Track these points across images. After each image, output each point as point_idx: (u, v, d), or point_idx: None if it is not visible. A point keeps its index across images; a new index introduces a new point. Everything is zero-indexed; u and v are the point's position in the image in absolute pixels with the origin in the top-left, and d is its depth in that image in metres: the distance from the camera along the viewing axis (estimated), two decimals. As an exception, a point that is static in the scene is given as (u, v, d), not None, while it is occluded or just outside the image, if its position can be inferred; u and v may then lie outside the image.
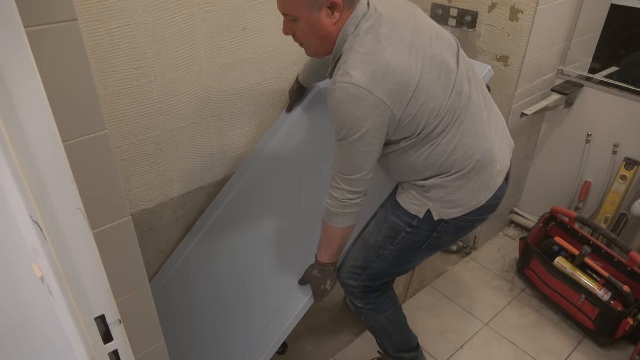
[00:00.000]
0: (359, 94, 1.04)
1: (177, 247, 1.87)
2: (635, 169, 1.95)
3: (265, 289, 1.57)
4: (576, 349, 1.83)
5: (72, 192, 0.62)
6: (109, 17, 1.34)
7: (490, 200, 1.27)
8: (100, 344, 0.72)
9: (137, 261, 0.76)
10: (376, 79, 1.04)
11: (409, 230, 1.30)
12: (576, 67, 2.06)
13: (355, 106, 1.05)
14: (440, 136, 1.16)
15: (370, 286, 1.42)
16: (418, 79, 1.08)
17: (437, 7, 1.97)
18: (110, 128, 1.48)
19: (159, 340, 0.86)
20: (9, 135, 0.55)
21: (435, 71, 1.11)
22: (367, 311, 1.47)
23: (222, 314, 1.63)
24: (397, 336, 1.56)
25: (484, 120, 1.22)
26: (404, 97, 1.08)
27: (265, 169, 1.82)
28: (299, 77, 1.72)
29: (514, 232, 2.41)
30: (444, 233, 1.30)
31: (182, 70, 1.56)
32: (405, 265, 1.43)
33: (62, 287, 0.64)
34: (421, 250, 1.35)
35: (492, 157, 1.23)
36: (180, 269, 1.82)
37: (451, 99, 1.14)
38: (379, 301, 1.46)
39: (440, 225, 1.28)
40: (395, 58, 1.06)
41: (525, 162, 2.25)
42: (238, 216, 1.79)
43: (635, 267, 1.78)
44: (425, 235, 1.30)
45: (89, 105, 0.62)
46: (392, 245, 1.33)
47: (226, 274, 1.70)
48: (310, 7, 1.07)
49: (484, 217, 1.33)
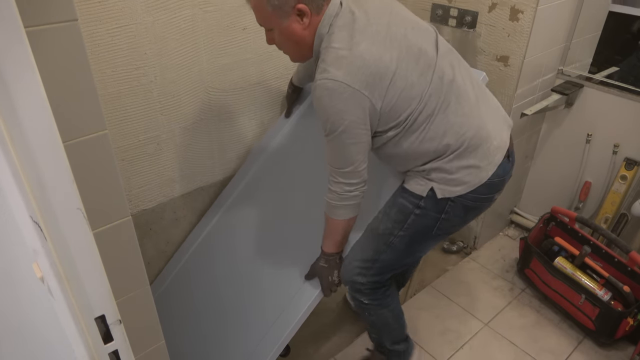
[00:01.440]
0: (337, 88, 1.09)
1: (178, 248, 1.87)
2: (635, 169, 1.95)
3: (268, 290, 1.58)
4: (576, 349, 1.83)
5: (72, 192, 0.62)
6: (109, 17, 1.34)
7: (493, 177, 1.27)
8: (100, 344, 0.72)
9: (137, 261, 0.76)
10: (352, 72, 1.09)
11: (417, 212, 1.30)
12: (576, 67, 2.06)
13: (334, 100, 1.10)
14: (427, 122, 1.20)
15: (378, 281, 1.42)
16: (394, 69, 1.12)
17: (437, 7, 1.97)
18: (110, 128, 1.48)
19: (159, 340, 0.86)
20: (9, 135, 0.55)
21: (412, 60, 1.15)
22: (372, 307, 1.48)
23: (225, 316, 1.63)
24: (398, 328, 1.58)
25: (471, 101, 1.24)
26: (381, 86, 1.12)
27: (266, 171, 1.82)
28: (293, 78, 1.73)
29: (514, 232, 2.41)
30: (452, 214, 1.30)
31: (182, 70, 1.56)
32: (414, 254, 1.43)
33: (62, 287, 0.64)
34: (431, 235, 1.35)
35: (486, 133, 1.25)
36: (182, 270, 1.82)
37: (432, 85, 1.17)
38: (385, 295, 1.47)
39: (447, 205, 1.28)
40: (369, 51, 1.11)
41: (525, 162, 2.25)
42: (240, 217, 1.79)
43: (635, 267, 1.78)
44: (434, 217, 1.31)
45: (89, 105, 0.62)
46: (402, 230, 1.33)
47: (228, 275, 1.70)
48: (279, 17, 1.14)
49: (491, 197, 1.33)
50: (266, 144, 1.87)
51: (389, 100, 1.14)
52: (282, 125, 1.85)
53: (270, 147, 1.85)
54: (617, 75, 2.07)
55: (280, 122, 1.86)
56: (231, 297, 1.65)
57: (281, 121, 1.86)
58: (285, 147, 1.82)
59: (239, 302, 1.63)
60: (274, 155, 1.84)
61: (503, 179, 1.32)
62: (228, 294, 1.67)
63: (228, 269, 1.71)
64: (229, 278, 1.69)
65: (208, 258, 1.79)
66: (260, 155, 1.86)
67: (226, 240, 1.78)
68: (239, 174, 1.88)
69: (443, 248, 2.31)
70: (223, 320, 1.63)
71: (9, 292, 0.77)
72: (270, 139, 1.86)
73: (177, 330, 1.69)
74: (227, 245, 1.77)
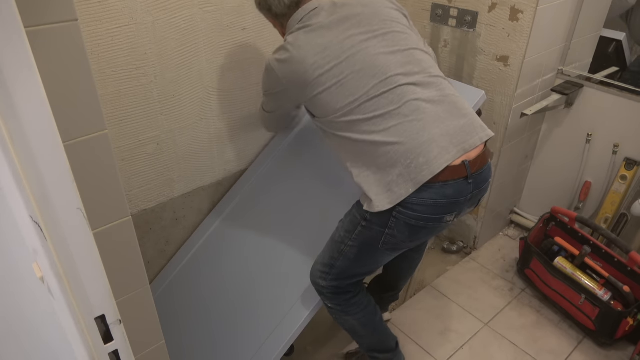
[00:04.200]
0: (269, 69, 1.36)
1: (179, 248, 1.87)
2: (635, 169, 1.95)
3: (272, 292, 1.59)
4: (576, 349, 1.83)
5: (72, 192, 0.62)
6: (109, 17, 1.34)
7: (438, 198, 1.22)
8: (100, 344, 0.72)
9: (137, 261, 0.77)
10: (281, 62, 1.32)
11: (364, 223, 1.32)
12: (576, 67, 2.06)
13: (266, 76, 1.41)
14: (351, 125, 1.27)
15: (338, 286, 1.43)
16: (313, 75, 1.27)
17: (437, 7, 1.97)
18: (110, 128, 1.48)
19: (159, 340, 0.86)
20: (9, 135, 0.55)
21: (348, 70, 1.26)
22: (336, 311, 1.49)
23: (229, 317, 1.63)
24: (369, 337, 1.57)
25: (420, 114, 1.22)
26: (298, 83, 1.31)
27: (273, 172, 1.84)
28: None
29: (514, 232, 2.41)
30: (397, 230, 1.27)
31: (182, 70, 1.56)
32: (366, 265, 1.42)
33: (62, 287, 0.64)
34: (378, 248, 1.34)
35: (417, 149, 1.20)
36: (185, 269, 1.82)
37: (368, 95, 1.24)
38: (349, 304, 1.47)
39: (390, 221, 1.26)
40: (300, 54, 1.28)
41: (525, 162, 2.25)
42: (246, 219, 1.81)
43: (635, 267, 1.78)
44: (379, 232, 1.29)
45: (89, 105, 0.62)
46: (350, 240, 1.36)
47: (232, 276, 1.71)
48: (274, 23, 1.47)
49: (439, 218, 1.26)
50: (276, 146, 1.89)
51: (308, 95, 1.32)
52: (286, 135, 1.88)
53: (278, 152, 1.87)
54: (620, 75, 2.08)
55: (285, 132, 1.89)
56: (235, 297, 1.66)
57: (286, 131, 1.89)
58: (293, 152, 1.85)
59: (243, 303, 1.63)
60: (282, 160, 1.86)
61: (452, 201, 1.24)
62: (232, 294, 1.67)
63: (232, 269, 1.72)
64: (233, 278, 1.70)
65: (212, 258, 1.79)
66: (269, 158, 1.88)
67: (231, 240, 1.79)
68: (245, 176, 1.90)
69: (443, 248, 2.31)
70: (227, 320, 1.63)
71: (9, 292, 0.77)
72: (279, 143, 1.89)
73: (181, 329, 1.69)
74: (232, 246, 1.77)
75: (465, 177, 1.24)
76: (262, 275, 1.64)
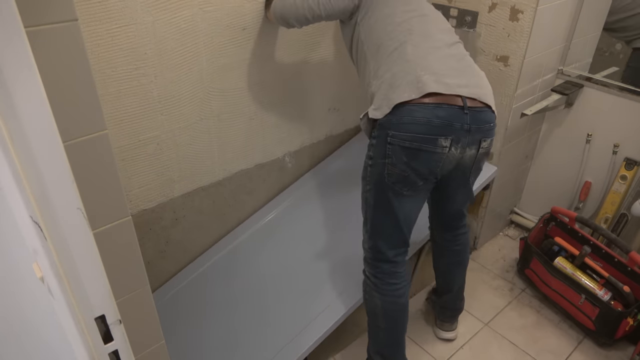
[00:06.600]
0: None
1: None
2: (635, 169, 1.95)
3: (291, 304, 1.67)
4: (576, 349, 1.83)
5: (72, 192, 0.62)
6: (109, 17, 1.34)
7: (431, 117, 1.27)
8: (100, 344, 0.72)
9: (137, 261, 0.77)
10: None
11: (370, 162, 1.39)
12: (576, 67, 2.06)
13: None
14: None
15: (374, 246, 1.47)
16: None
17: (437, 7, 1.97)
18: (110, 128, 1.48)
19: (159, 340, 0.87)
20: (9, 135, 0.55)
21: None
22: (369, 285, 1.51)
23: (245, 326, 1.69)
24: (384, 335, 1.56)
25: (432, 44, 1.39)
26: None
27: (301, 202, 1.99)
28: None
29: (514, 232, 2.41)
30: (395, 158, 1.31)
31: (182, 70, 1.56)
32: (387, 211, 1.42)
33: (62, 287, 0.64)
34: (386, 184, 1.37)
35: (428, 69, 1.32)
36: (202, 275, 1.88)
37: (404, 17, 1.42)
38: (384, 280, 1.48)
39: (387, 149, 1.32)
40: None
41: (525, 162, 2.25)
42: (272, 234, 1.93)
43: (635, 267, 1.78)
44: (382, 164, 1.35)
45: (89, 105, 0.62)
46: (367, 185, 1.43)
47: (250, 287, 1.79)
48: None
49: (432, 139, 1.28)
50: (315, 174, 2.11)
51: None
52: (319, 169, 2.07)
53: (313, 181, 2.08)
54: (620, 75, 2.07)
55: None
56: (247, 313, 1.71)
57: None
58: (328, 185, 2.05)
59: (260, 314, 1.68)
60: (312, 189, 2.06)
61: (449, 124, 1.28)
62: (243, 311, 1.72)
63: (250, 280, 1.79)
64: (250, 290, 1.77)
65: (232, 267, 1.87)
66: (304, 185, 2.07)
67: (253, 253, 1.89)
68: (275, 201, 2.06)
69: (443, 248, 2.31)
70: (236, 334, 1.65)
71: (9, 292, 0.77)
72: (320, 170, 2.10)
73: (186, 338, 1.69)
74: (253, 258, 1.87)
75: (461, 106, 1.30)
76: (283, 286, 1.72)
